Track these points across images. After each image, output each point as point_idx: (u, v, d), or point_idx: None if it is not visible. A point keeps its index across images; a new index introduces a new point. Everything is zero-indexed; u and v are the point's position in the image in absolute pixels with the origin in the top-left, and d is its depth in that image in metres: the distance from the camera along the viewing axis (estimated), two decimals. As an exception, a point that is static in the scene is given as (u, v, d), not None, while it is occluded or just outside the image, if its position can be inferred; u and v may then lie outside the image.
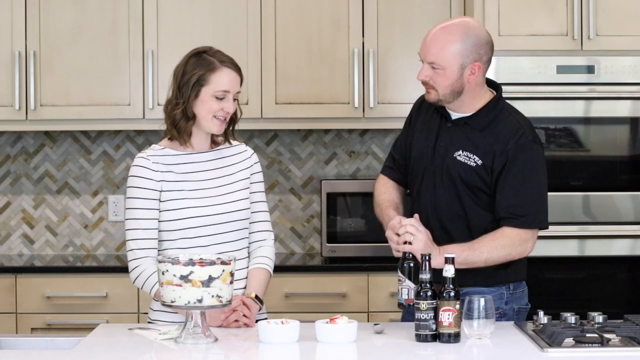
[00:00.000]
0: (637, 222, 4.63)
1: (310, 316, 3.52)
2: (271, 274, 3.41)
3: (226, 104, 3.26)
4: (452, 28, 3.27)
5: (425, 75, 3.29)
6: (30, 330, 4.71)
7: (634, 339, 2.91)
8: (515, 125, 3.31)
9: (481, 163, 3.29)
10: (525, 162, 3.27)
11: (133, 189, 3.29)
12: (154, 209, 3.27)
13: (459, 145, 3.33)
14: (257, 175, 3.44)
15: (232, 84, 3.27)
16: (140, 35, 4.93)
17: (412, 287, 3.10)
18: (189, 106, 3.25)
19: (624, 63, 4.61)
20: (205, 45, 3.37)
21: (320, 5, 4.94)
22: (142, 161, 3.30)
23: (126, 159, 5.30)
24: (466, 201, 3.31)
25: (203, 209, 3.28)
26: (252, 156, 3.45)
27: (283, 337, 2.98)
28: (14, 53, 4.90)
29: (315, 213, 5.27)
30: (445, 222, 3.33)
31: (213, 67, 3.25)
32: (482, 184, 3.30)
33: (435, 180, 3.35)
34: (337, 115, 4.95)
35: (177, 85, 3.28)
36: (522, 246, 3.27)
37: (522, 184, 3.26)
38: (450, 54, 3.24)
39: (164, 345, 2.99)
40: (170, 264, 2.95)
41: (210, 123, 3.27)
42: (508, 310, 3.34)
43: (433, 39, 3.28)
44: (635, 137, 4.64)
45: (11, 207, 5.30)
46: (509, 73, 4.57)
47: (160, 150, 3.33)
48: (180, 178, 3.29)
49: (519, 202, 3.26)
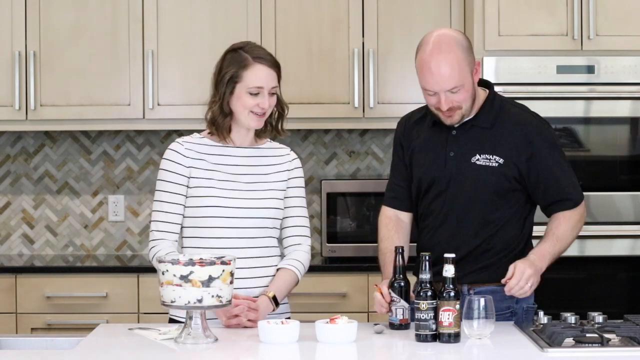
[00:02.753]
0: (637, 222, 4.63)
1: (310, 316, 3.51)
2: (299, 278, 3.36)
3: (261, 100, 3.27)
4: (445, 46, 3.19)
5: (449, 102, 3.22)
6: (30, 330, 4.71)
7: (634, 339, 2.91)
8: (525, 114, 3.34)
9: (503, 162, 3.27)
10: (549, 145, 3.30)
11: (162, 171, 3.32)
12: (180, 194, 3.29)
13: (474, 149, 3.29)
14: (297, 180, 3.41)
15: (266, 80, 3.28)
16: (140, 35, 4.93)
17: (406, 307, 3.11)
18: (225, 102, 3.28)
19: (624, 63, 4.61)
20: (243, 41, 3.39)
21: (320, 5, 4.94)
22: (175, 145, 3.33)
23: (126, 159, 5.30)
24: (492, 204, 3.29)
25: (228, 200, 3.27)
26: (293, 161, 3.43)
27: (283, 337, 2.98)
28: (14, 53, 4.90)
29: (315, 213, 5.27)
30: (473, 230, 3.29)
31: (246, 64, 3.27)
32: (508, 182, 3.27)
33: (452, 192, 3.30)
34: (337, 115, 4.95)
35: (215, 81, 3.32)
36: (583, 221, 3.37)
37: (558, 168, 3.30)
38: (463, 68, 3.19)
39: (164, 345, 2.99)
40: (170, 264, 2.95)
41: (247, 118, 3.29)
42: (518, 309, 3.33)
43: (440, 66, 3.18)
44: (635, 137, 4.64)
45: (11, 207, 5.30)
46: (509, 73, 4.57)
47: (198, 138, 3.35)
48: (211, 167, 3.30)
49: (563, 185, 3.30)
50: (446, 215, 3.33)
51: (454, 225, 3.32)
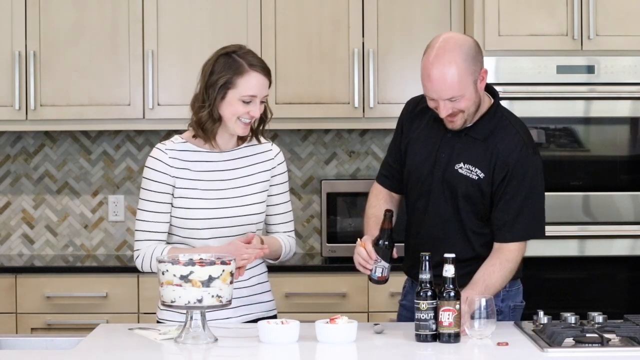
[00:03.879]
0: (637, 222, 4.63)
1: (310, 316, 3.51)
2: (283, 248, 3.37)
3: (252, 108, 3.22)
4: (447, 54, 3.16)
5: (447, 110, 3.21)
6: (30, 330, 4.71)
7: (634, 339, 2.91)
8: (516, 137, 3.28)
9: (484, 176, 3.27)
10: (525, 175, 3.25)
11: (146, 180, 3.28)
12: (165, 202, 3.26)
13: (460, 157, 3.30)
14: (281, 176, 3.40)
15: (260, 89, 3.23)
16: (140, 35, 4.93)
17: (386, 267, 3.19)
18: (215, 107, 3.22)
19: (624, 63, 4.61)
20: (235, 44, 3.33)
21: (320, 5, 4.94)
22: (159, 154, 3.27)
23: (126, 159, 5.30)
24: (465, 212, 3.30)
25: (215, 211, 3.26)
26: (276, 156, 3.40)
27: (283, 337, 2.98)
28: (14, 53, 4.90)
29: (315, 213, 5.27)
30: (443, 232, 3.31)
31: (241, 71, 3.21)
32: (482, 197, 3.28)
33: (434, 192, 3.32)
34: (337, 115, 4.95)
35: (204, 84, 3.24)
36: (521, 255, 3.30)
37: (521, 197, 3.25)
38: (463, 79, 3.16)
39: (164, 345, 2.99)
40: (170, 264, 2.95)
41: (234, 125, 3.24)
42: (504, 307, 3.35)
43: (438, 76, 3.16)
44: (635, 137, 4.64)
45: (11, 207, 5.30)
46: (509, 73, 4.57)
47: (181, 144, 3.30)
48: (195, 176, 3.27)
49: (519, 214, 3.25)
50: (425, 214, 3.35)
51: (434, 227, 3.33)
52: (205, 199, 3.26)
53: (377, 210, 3.42)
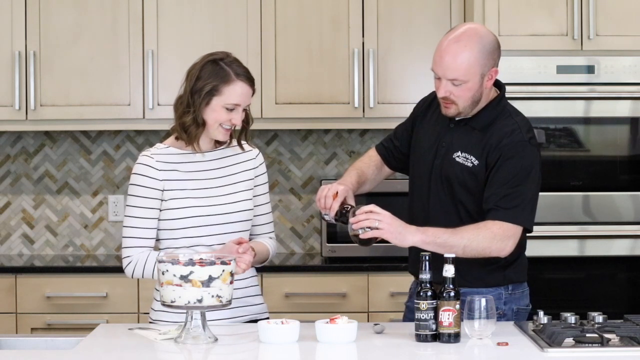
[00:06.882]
0: (637, 222, 4.63)
1: (310, 316, 3.52)
2: (269, 252, 3.42)
3: (235, 116, 3.28)
4: (466, 39, 3.19)
5: (445, 91, 3.22)
6: (30, 330, 4.71)
7: (634, 339, 2.91)
8: (513, 126, 3.28)
9: (478, 163, 3.27)
10: (518, 160, 3.22)
11: (135, 187, 3.30)
12: (154, 208, 3.28)
13: (458, 146, 3.31)
14: (262, 176, 3.46)
15: (244, 98, 3.29)
16: (140, 35, 4.93)
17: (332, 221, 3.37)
18: (199, 113, 3.26)
19: (624, 63, 4.61)
20: (222, 51, 3.35)
21: (320, 5, 4.94)
22: (146, 159, 3.31)
23: (126, 159, 5.30)
24: (466, 204, 3.29)
25: (204, 208, 3.29)
26: (257, 157, 3.45)
27: (283, 337, 2.99)
28: (14, 53, 4.90)
29: (315, 213, 5.27)
30: (438, 221, 3.29)
31: (228, 79, 3.25)
32: (478, 184, 3.28)
33: (433, 179, 3.34)
34: (337, 115, 4.95)
35: (190, 88, 3.28)
36: (503, 242, 3.16)
37: (512, 180, 3.20)
38: (472, 67, 3.18)
39: (164, 345, 2.99)
40: (170, 264, 2.95)
41: (216, 131, 3.30)
42: (507, 310, 3.34)
43: (450, 54, 3.18)
44: (635, 137, 4.64)
45: (11, 207, 5.30)
46: (509, 73, 4.57)
47: (165, 149, 3.35)
48: (184, 177, 3.30)
49: (507, 195, 3.19)
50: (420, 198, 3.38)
51: (430, 217, 3.33)
52: (195, 198, 3.29)
53: (364, 167, 3.54)
